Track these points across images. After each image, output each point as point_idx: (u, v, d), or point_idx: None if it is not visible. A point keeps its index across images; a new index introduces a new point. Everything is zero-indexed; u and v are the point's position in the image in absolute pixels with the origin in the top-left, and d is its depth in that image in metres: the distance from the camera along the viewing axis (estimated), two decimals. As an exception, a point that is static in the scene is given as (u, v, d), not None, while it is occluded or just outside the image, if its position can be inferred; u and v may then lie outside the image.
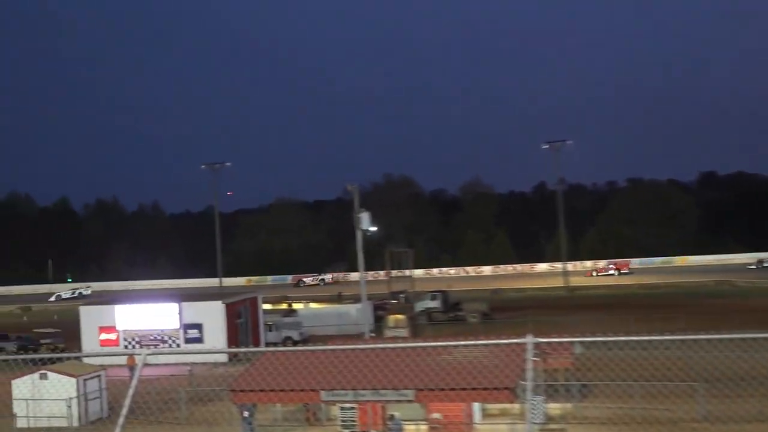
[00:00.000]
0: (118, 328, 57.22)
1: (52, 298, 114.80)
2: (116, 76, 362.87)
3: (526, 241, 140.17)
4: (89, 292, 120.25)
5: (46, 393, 35.61)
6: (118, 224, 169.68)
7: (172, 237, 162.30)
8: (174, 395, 36.93)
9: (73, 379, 36.49)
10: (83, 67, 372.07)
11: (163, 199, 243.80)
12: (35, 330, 65.72)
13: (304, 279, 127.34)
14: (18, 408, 36.32)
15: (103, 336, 57.18)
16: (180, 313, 57.00)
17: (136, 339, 56.64)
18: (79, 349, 55.63)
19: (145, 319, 57.44)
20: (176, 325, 56.61)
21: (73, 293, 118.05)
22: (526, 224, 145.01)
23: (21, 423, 36.00)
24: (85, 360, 42.78)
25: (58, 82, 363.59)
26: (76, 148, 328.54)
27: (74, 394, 36.11)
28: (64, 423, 35.57)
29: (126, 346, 56.16)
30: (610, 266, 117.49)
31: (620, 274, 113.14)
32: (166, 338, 56.56)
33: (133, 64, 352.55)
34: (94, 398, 37.47)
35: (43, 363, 35.64)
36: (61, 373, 36.63)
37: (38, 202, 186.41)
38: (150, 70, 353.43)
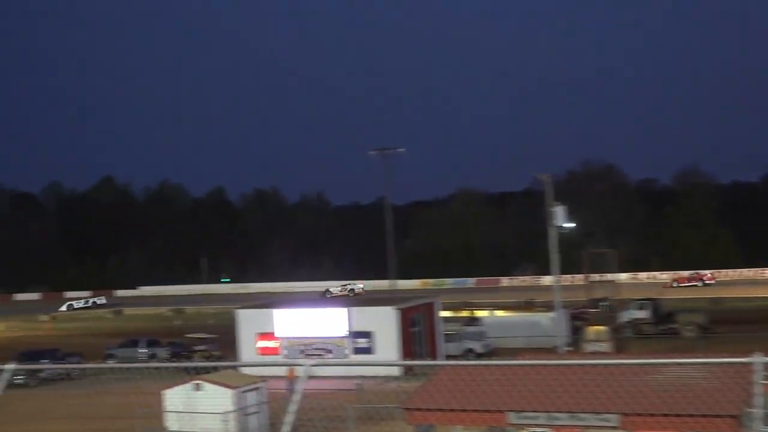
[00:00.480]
0: (277, 335, 58.20)
1: (63, 308, 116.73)
2: (282, 61, 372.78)
3: (754, 240, 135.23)
4: (104, 301, 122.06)
5: (200, 405, 36.04)
6: (278, 217, 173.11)
7: (338, 232, 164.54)
8: (341, 412, 37.06)
9: (230, 391, 37.02)
10: (244, 54, 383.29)
11: (328, 189, 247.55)
12: (188, 335, 67.38)
13: (331, 289, 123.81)
14: (170, 421, 37.01)
15: (262, 344, 58.23)
16: (348, 319, 57.52)
17: (299, 348, 57.52)
18: (236, 358, 56.84)
19: (308, 325, 58.10)
20: (344, 333, 57.14)
21: (86, 302, 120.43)
22: (755, 220, 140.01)
23: (174, 437, 36.61)
24: (244, 370, 43.44)
25: (213, 69, 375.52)
26: (232, 135, 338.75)
27: (231, 407, 36.52)
28: (219, 439, 36.02)
29: (287, 356, 57.00)
30: None
31: None
32: (331, 348, 57.13)
33: (300, 49, 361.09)
34: (253, 413, 37.94)
35: (197, 372, 36.39)
36: (217, 384, 37.20)
37: (192, 192, 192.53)
38: (318, 53, 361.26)
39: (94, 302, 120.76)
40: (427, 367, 39.16)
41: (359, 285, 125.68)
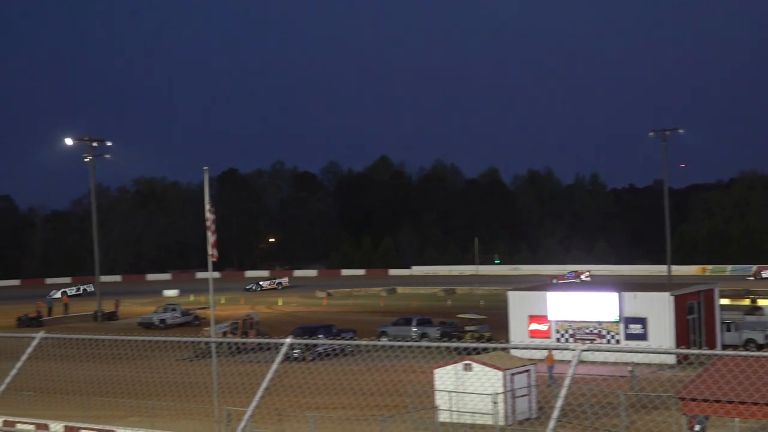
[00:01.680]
0: (549, 318, 57.68)
1: (58, 294, 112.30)
2: (555, 37, 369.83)
3: None
4: (92, 289, 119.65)
5: (470, 385, 36.38)
6: (551, 199, 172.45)
7: (613, 215, 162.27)
8: (612, 399, 36.54)
9: (500, 373, 37.00)
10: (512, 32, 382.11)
11: (604, 171, 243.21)
12: (459, 315, 67.93)
13: (261, 282, 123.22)
14: (440, 400, 37.53)
15: (533, 326, 57.98)
16: (620, 304, 56.48)
17: (570, 332, 57.05)
18: (506, 339, 57.03)
19: (580, 309, 57.25)
20: (616, 318, 56.20)
21: (78, 290, 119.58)
22: None
23: (443, 416, 37.07)
24: (513, 352, 43.45)
25: (482, 50, 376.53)
26: (505, 116, 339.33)
27: (501, 389, 36.55)
28: (489, 420, 36.11)
29: (558, 339, 56.78)
30: None
31: None
32: (603, 333, 56.38)
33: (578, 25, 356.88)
34: (522, 395, 37.92)
35: (468, 352, 36.72)
36: (487, 365, 37.32)
37: (465, 173, 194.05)
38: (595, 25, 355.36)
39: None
40: (703, 357, 38.01)
41: (286, 279, 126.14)
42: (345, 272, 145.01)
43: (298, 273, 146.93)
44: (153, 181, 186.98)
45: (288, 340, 12.85)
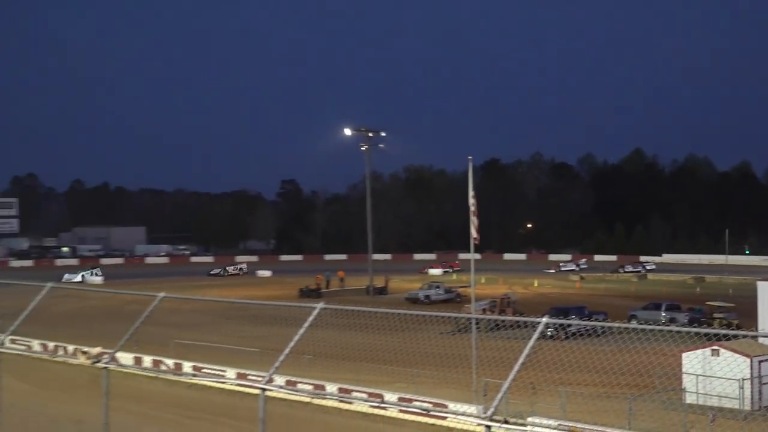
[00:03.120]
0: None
1: (78, 278, 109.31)
2: None
3: None
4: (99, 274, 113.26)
5: (718, 370, 35.46)
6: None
7: None
8: None
9: (748, 359, 35.95)
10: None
11: None
12: (708, 303, 65.80)
13: (228, 267, 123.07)
14: (687, 382, 36.69)
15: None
16: None
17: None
18: (755, 328, 54.70)
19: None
20: None
21: (83, 277, 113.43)
22: None
23: (690, 398, 36.22)
24: (762, 341, 41.78)
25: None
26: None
27: (748, 375, 35.51)
28: (735, 404, 35.04)
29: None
30: None
31: None
32: None
33: None
34: (768, 383, 36.58)
35: (717, 338, 35.62)
36: (735, 352, 36.26)
37: (717, 166, 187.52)
38: None
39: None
40: None
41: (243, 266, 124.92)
42: (598, 257, 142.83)
43: (552, 257, 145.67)
44: (421, 169, 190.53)
45: (544, 320, 12.83)
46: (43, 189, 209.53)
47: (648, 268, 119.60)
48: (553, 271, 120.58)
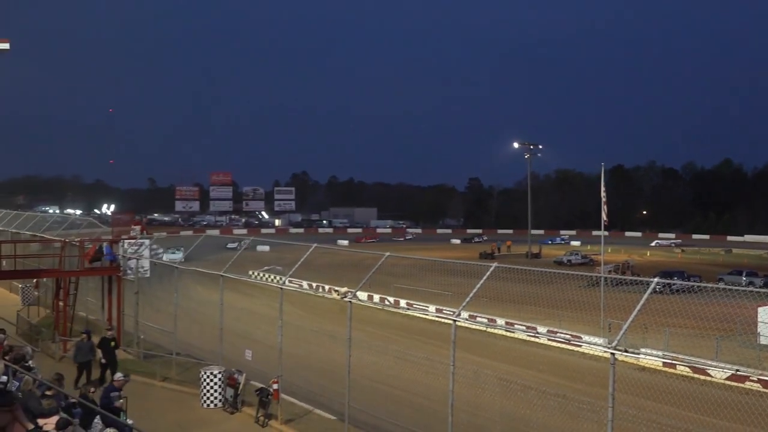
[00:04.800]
0: None
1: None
2: None
3: None
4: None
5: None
6: None
7: None
8: None
9: (810, 314, 33.28)
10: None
11: None
12: (781, 272, 61.43)
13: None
14: (762, 329, 34.32)
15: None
16: None
17: None
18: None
19: None
20: None
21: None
22: None
23: (764, 340, 33.87)
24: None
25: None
26: None
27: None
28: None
29: None
30: None
31: None
32: None
33: None
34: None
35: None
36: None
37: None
38: None
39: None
40: None
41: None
42: (695, 236, 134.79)
43: (661, 235, 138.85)
44: (566, 171, 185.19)
45: (655, 279, 12.38)
46: (311, 181, 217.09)
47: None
48: (662, 243, 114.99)
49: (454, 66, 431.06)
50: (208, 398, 20.72)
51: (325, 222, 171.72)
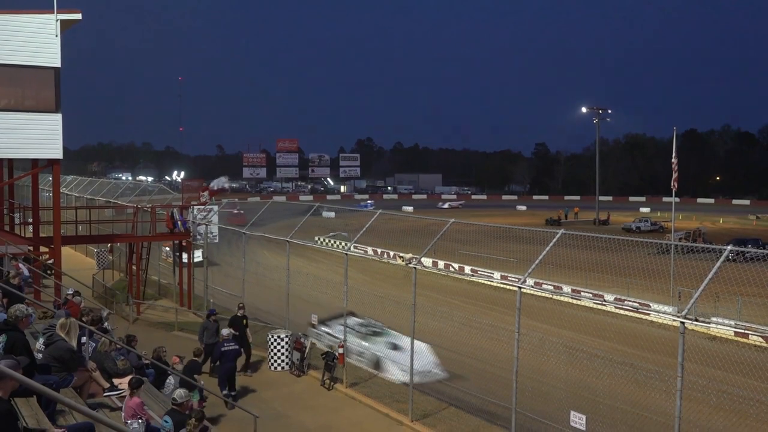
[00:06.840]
0: None
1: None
2: None
3: None
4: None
5: None
6: None
7: None
8: None
9: None
10: None
11: None
12: None
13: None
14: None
15: None
16: None
17: None
18: None
19: None
20: None
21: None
22: None
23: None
24: None
25: None
26: None
27: None
28: None
29: None
30: None
31: None
32: None
33: None
34: None
35: None
36: None
37: None
38: None
39: None
40: None
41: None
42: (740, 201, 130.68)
43: (736, 201, 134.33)
44: (637, 136, 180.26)
45: (729, 247, 12.02)
46: (376, 147, 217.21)
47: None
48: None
49: (520, 32, 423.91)
50: (275, 361, 21.18)
51: (390, 188, 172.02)
